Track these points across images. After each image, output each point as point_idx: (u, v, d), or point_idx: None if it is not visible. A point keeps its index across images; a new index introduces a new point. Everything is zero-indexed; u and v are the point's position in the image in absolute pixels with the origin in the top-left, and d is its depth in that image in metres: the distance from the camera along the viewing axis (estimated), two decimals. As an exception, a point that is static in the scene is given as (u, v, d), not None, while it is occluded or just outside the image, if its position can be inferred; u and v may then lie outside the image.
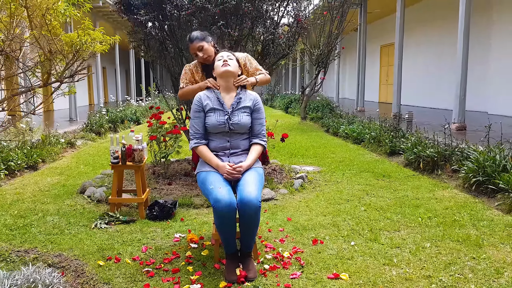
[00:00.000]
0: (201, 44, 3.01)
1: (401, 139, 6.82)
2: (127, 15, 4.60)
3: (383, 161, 6.13)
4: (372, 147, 7.22)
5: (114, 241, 3.08)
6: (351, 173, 5.34)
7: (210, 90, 2.71)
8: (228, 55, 2.70)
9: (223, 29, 4.10)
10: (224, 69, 2.62)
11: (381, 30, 17.81)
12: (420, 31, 14.61)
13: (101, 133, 9.78)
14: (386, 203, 4.03)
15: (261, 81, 3.05)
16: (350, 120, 9.62)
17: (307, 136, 8.99)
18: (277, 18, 4.83)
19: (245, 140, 2.68)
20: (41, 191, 4.64)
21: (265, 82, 3.11)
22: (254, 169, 2.59)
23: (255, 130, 2.69)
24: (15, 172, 5.56)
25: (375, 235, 3.19)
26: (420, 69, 14.72)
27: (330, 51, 11.13)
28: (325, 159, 6.30)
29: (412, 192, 4.40)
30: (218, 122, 2.58)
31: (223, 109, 2.61)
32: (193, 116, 2.65)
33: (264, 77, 3.10)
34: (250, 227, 2.44)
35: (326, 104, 12.70)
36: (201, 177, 2.58)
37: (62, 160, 6.71)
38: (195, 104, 2.65)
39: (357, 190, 4.52)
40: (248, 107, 2.66)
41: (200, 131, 2.64)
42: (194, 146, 2.63)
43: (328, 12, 10.93)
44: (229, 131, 2.61)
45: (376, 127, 7.86)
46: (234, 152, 2.64)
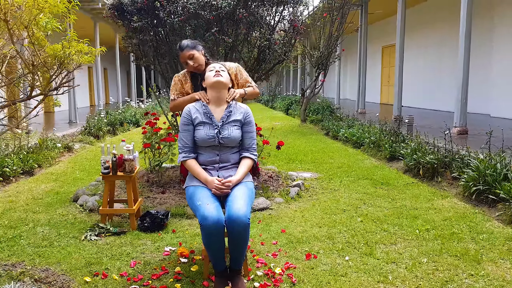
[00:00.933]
0: (192, 53, 2.94)
1: (401, 144, 6.73)
2: (121, 21, 4.54)
3: (383, 167, 6.04)
4: (371, 151, 7.13)
5: (103, 255, 3.01)
6: (349, 180, 5.26)
7: (200, 103, 2.64)
8: (220, 66, 2.63)
9: (217, 35, 4.02)
10: (216, 79, 2.55)
11: (382, 31, 17.69)
12: (421, 33, 14.51)
13: (99, 136, 9.72)
14: (383, 214, 3.94)
15: (249, 94, 2.97)
16: (350, 123, 9.53)
17: (306, 139, 8.91)
18: (273, 23, 4.75)
19: (235, 154, 2.61)
20: (34, 199, 4.58)
21: (254, 95, 3.04)
22: (244, 183, 2.52)
23: (245, 144, 2.62)
24: (10, 178, 5.51)
25: (371, 249, 3.11)
26: (421, 70, 14.61)
27: (330, 53, 11.03)
28: (323, 165, 6.22)
29: (411, 202, 4.32)
30: (207, 136, 2.51)
31: (213, 123, 2.54)
32: (182, 129, 2.58)
33: (253, 91, 3.02)
34: (239, 244, 2.36)
35: (326, 107, 12.61)
36: (189, 192, 2.51)
37: (58, 165, 6.65)
38: (184, 117, 2.58)
39: (354, 199, 4.44)
40: (239, 121, 2.59)
41: (189, 144, 2.57)
42: (183, 160, 2.56)
43: (328, 13, 10.83)
44: (219, 145, 2.53)
45: (376, 131, 7.77)
46: (224, 166, 2.57)
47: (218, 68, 2.60)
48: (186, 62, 2.96)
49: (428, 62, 14.21)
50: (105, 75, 24.83)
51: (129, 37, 4.87)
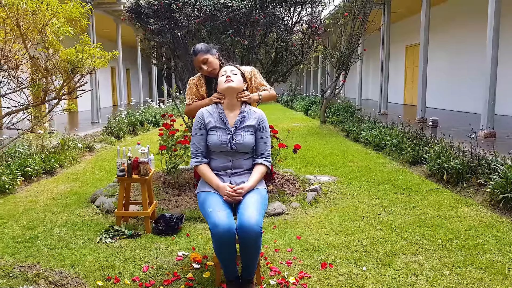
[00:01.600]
0: (206, 57, 2.89)
1: (424, 148, 6.53)
2: (139, 23, 4.54)
3: (404, 172, 5.88)
4: (393, 155, 6.96)
5: (116, 258, 3.00)
6: (368, 185, 5.12)
7: (213, 107, 2.59)
8: (231, 69, 2.57)
9: (233, 37, 3.97)
10: (227, 85, 2.49)
11: (406, 30, 17.32)
12: (446, 31, 14.11)
13: (120, 136, 9.84)
14: (404, 221, 3.81)
15: (265, 97, 2.89)
16: (372, 125, 9.34)
17: (326, 141, 8.78)
18: (290, 24, 4.67)
19: (248, 160, 2.55)
20: (53, 199, 4.64)
21: (270, 98, 2.95)
22: (257, 190, 2.46)
23: (259, 150, 2.55)
24: (32, 178, 5.61)
25: (390, 259, 3.00)
26: (446, 70, 14.22)
27: (351, 53, 10.84)
28: (342, 168, 6.09)
29: (434, 209, 4.16)
30: (220, 142, 2.46)
31: (226, 128, 2.49)
32: (195, 134, 2.54)
33: (268, 94, 2.94)
34: (250, 253, 2.30)
35: (347, 108, 12.40)
36: (200, 198, 2.47)
37: (79, 165, 6.75)
38: (197, 121, 2.54)
39: (373, 205, 4.31)
40: (252, 126, 2.53)
41: (201, 149, 2.52)
42: (195, 165, 2.52)
43: (349, 13, 10.65)
44: (232, 151, 2.48)
45: (399, 133, 7.57)
46: (236, 172, 2.51)
47: (229, 73, 2.54)
48: (200, 66, 2.92)
49: (453, 61, 13.82)
50: (128, 76, 25.20)
51: (147, 39, 4.88)
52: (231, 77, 2.51)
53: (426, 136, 7.04)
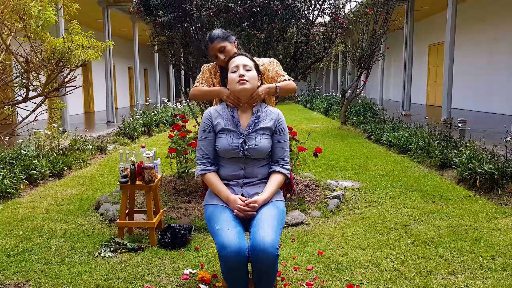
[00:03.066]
0: (223, 45, 2.49)
1: (453, 150, 6.06)
2: (148, 16, 4.24)
3: (433, 177, 5.42)
4: (419, 158, 6.49)
5: (115, 277, 2.68)
6: (395, 191, 4.70)
7: (223, 106, 2.23)
8: (244, 63, 2.17)
9: (249, 30, 3.62)
10: (241, 87, 2.11)
11: (429, 29, 16.67)
12: (472, 29, 13.44)
13: (134, 137, 9.60)
14: (437, 234, 3.39)
15: (284, 88, 2.45)
16: (395, 126, 8.86)
17: (347, 143, 8.34)
18: (311, 17, 4.29)
19: (263, 168, 2.19)
20: (56, 205, 4.37)
21: (289, 90, 2.51)
22: (273, 204, 2.09)
23: (276, 156, 2.19)
24: (38, 182, 5.37)
25: (425, 280, 2.60)
26: (472, 69, 13.55)
27: (374, 51, 10.37)
28: (366, 173, 5.67)
29: (469, 220, 3.72)
30: (230, 146, 2.10)
31: (238, 130, 2.13)
32: (201, 137, 2.19)
33: (288, 84, 2.50)
34: (265, 279, 1.94)
35: (368, 108, 11.91)
36: (207, 212, 2.12)
37: (88, 168, 6.51)
38: (204, 122, 2.19)
39: (402, 214, 3.89)
40: (268, 128, 2.16)
41: (208, 155, 2.17)
42: (201, 173, 2.17)
43: (372, 9, 10.18)
44: (244, 157, 2.12)
45: (425, 135, 7.10)
46: (249, 182, 2.15)
47: (242, 69, 2.13)
48: (216, 55, 2.52)
49: (480, 60, 13.15)
50: (145, 76, 25.14)
51: (157, 34, 4.57)
52: (245, 75, 2.12)
53: (454, 139, 6.56)
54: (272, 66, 2.59)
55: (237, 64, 2.17)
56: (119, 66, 20.62)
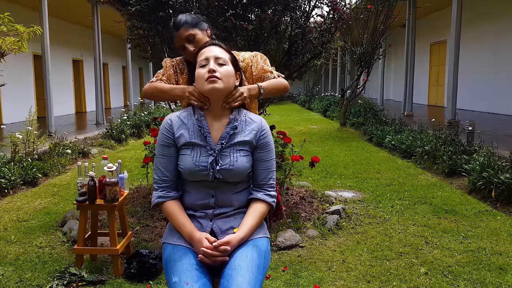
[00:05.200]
0: (192, 33, 1.96)
1: (462, 156, 5.55)
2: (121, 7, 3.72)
3: (442, 186, 4.91)
4: (425, 164, 5.99)
5: (62, 322, 2.16)
6: (402, 204, 4.18)
7: (188, 111, 1.69)
8: (216, 55, 1.63)
9: (234, 20, 3.10)
10: (210, 86, 1.57)
11: (431, 27, 16.15)
12: (476, 26, 12.91)
13: (122, 139, 9.07)
14: (455, 261, 2.88)
15: (270, 88, 1.90)
16: (398, 128, 8.35)
17: (347, 146, 7.83)
18: (308, 7, 3.78)
19: (241, 194, 1.66)
20: (18, 221, 3.85)
21: (278, 89, 1.96)
22: (252, 244, 1.57)
23: (258, 179, 1.67)
24: (6, 191, 4.85)
25: (447, 328, 2.09)
26: (475, 68, 13.02)
27: (375, 49, 9.86)
28: (368, 181, 5.16)
29: (490, 242, 3.21)
30: (197, 167, 1.58)
31: (207, 145, 1.60)
32: (159, 153, 1.66)
33: (276, 82, 1.95)
34: None
35: (369, 109, 11.40)
36: (165, 254, 1.60)
37: (67, 174, 5.98)
38: (163, 134, 1.66)
39: (412, 234, 3.38)
40: (248, 143, 1.63)
41: (168, 177, 1.65)
42: (158, 201, 1.65)
43: (373, 5, 9.67)
44: (215, 181, 1.60)
45: (431, 139, 6.59)
46: (222, 213, 1.62)
47: (213, 63, 1.59)
48: (183, 46, 1.98)
49: (484, 58, 12.62)
50: (140, 75, 24.59)
51: (134, 27, 4.05)
52: (216, 71, 1.60)
53: (463, 143, 6.06)
54: (256, 61, 2.05)
55: (206, 57, 1.62)
56: (113, 65, 20.08)
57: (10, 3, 11.53)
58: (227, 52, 1.67)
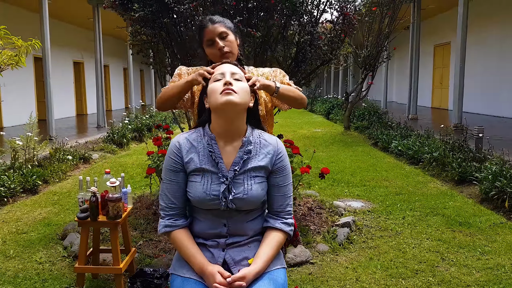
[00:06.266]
0: (225, 31, 1.81)
1: (472, 163, 5.42)
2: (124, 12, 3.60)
3: (452, 195, 4.78)
4: (434, 171, 5.86)
5: None
6: (414, 215, 4.05)
7: (198, 133, 1.54)
8: (232, 71, 1.51)
9: (241, 27, 2.97)
10: (226, 99, 1.42)
11: (435, 29, 16.01)
12: (481, 28, 12.76)
13: (123, 144, 8.95)
14: (474, 280, 2.74)
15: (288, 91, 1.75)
16: (403, 133, 8.21)
17: (352, 151, 7.70)
18: (316, 12, 3.65)
19: (255, 221, 1.54)
20: (17, 233, 3.72)
21: (295, 97, 1.80)
22: (269, 277, 1.44)
23: (274, 205, 1.54)
24: (5, 199, 4.73)
25: None
26: (481, 71, 12.88)
27: (379, 52, 9.73)
28: (376, 189, 5.02)
29: (509, 258, 3.08)
30: (208, 195, 1.45)
31: (219, 171, 1.47)
32: (167, 179, 1.53)
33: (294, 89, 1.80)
34: None
35: (373, 112, 11.27)
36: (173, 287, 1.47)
37: (67, 181, 5.86)
38: (171, 158, 1.53)
39: (427, 249, 3.24)
40: (263, 168, 1.50)
41: (176, 204, 1.52)
42: (164, 231, 1.52)
43: (378, 8, 9.54)
44: (228, 209, 1.47)
45: (438, 145, 6.46)
46: (235, 242, 1.50)
47: (229, 77, 1.47)
48: (214, 40, 1.79)
49: (489, 60, 12.48)
50: (141, 77, 24.48)
51: (137, 33, 3.93)
52: (232, 84, 1.46)
53: (471, 149, 5.93)
54: (275, 75, 1.92)
55: (222, 71, 1.51)
56: (114, 67, 19.97)
57: (10, 4, 11.43)
58: (243, 72, 1.57)
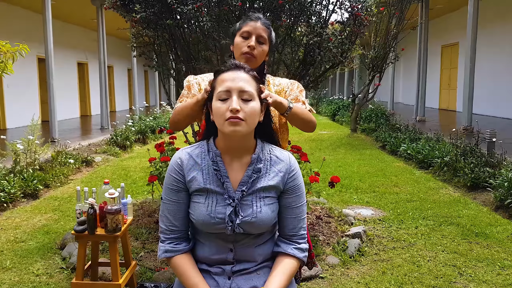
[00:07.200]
0: (265, 38, 1.70)
1: (485, 168, 5.24)
2: (126, 13, 3.46)
3: (466, 202, 4.60)
4: (445, 176, 5.68)
5: None
6: (427, 225, 3.88)
7: (202, 148, 1.38)
8: (240, 88, 1.27)
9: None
10: (231, 129, 1.24)
11: (442, 29, 15.78)
12: (489, 28, 12.52)
13: (126, 146, 8.83)
14: (495, 297, 2.58)
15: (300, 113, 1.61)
16: (412, 136, 8.03)
17: (360, 155, 7.53)
18: (325, 13, 3.50)
19: (265, 246, 1.38)
20: (15, 241, 3.60)
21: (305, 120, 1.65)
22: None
23: (286, 228, 1.38)
24: (5, 205, 4.61)
25: None
26: (490, 71, 12.65)
27: (387, 53, 9.55)
28: (386, 196, 4.86)
29: (531, 272, 2.91)
30: (213, 219, 1.29)
31: (225, 192, 1.32)
32: (167, 198, 1.37)
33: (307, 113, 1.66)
34: None
35: (380, 114, 11.08)
36: (175, 321, 1.33)
37: (69, 185, 5.74)
38: (171, 176, 1.37)
39: (442, 263, 3.08)
40: (274, 188, 1.34)
41: (178, 227, 1.36)
42: (165, 256, 1.37)
43: (385, 8, 9.35)
44: (234, 234, 1.32)
45: (449, 149, 6.28)
46: (243, 269, 1.34)
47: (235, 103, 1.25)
48: (251, 35, 1.67)
49: (499, 61, 12.25)
50: (146, 78, 24.39)
51: (139, 35, 3.80)
52: (240, 110, 1.25)
53: (483, 153, 5.76)
54: (292, 89, 1.77)
55: (229, 88, 1.28)
56: (118, 67, 19.88)
57: (13, 5, 11.36)
58: (254, 80, 1.34)
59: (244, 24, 1.71)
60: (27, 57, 11.63)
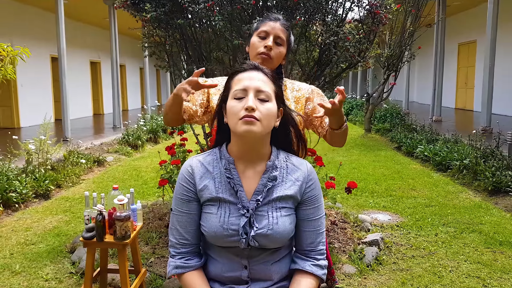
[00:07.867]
0: (284, 39, 1.62)
1: (507, 172, 5.05)
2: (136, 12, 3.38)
3: (487, 208, 4.43)
4: (464, 179, 5.49)
5: None
6: (447, 231, 3.73)
7: (214, 156, 1.29)
8: (257, 88, 1.20)
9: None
10: (246, 128, 1.16)
11: (459, 26, 15.44)
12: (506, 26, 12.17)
13: (138, 146, 8.80)
14: (524, 312, 2.43)
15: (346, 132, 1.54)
16: (429, 137, 7.82)
17: (374, 156, 7.36)
18: (342, 11, 3.37)
19: (281, 263, 1.28)
20: (25, 244, 3.55)
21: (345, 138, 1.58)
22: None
23: (304, 242, 1.28)
24: (17, 205, 4.59)
25: None
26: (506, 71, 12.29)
27: (403, 51, 9.34)
28: (404, 200, 4.70)
29: (561, 285, 2.75)
30: (226, 231, 1.20)
31: (238, 202, 1.22)
32: (177, 209, 1.28)
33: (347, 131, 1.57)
34: None
35: (395, 113, 10.87)
36: None
37: (81, 185, 5.71)
38: (182, 185, 1.28)
39: (466, 274, 2.93)
40: (291, 198, 1.24)
41: (189, 240, 1.27)
42: (175, 272, 1.28)
43: (402, 5, 9.14)
44: (249, 248, 1.22)
45: (468, 151, 6.08)
46: None
47: (251, 101, 1.18)
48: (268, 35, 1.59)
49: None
50: (158, 76, 24.44)
51: (150, 34, 3.72)
52: (256, 110, 1.18)
53: (504, 156, 5.56)
54: (313, 97, 1.66)
55: (245, 87, 1.21)
56: (130, 66, 19.94)
57: (26, 4, 11.42)
58: (272, 81, 1.25)
59: (262, 24, 1.61)
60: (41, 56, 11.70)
